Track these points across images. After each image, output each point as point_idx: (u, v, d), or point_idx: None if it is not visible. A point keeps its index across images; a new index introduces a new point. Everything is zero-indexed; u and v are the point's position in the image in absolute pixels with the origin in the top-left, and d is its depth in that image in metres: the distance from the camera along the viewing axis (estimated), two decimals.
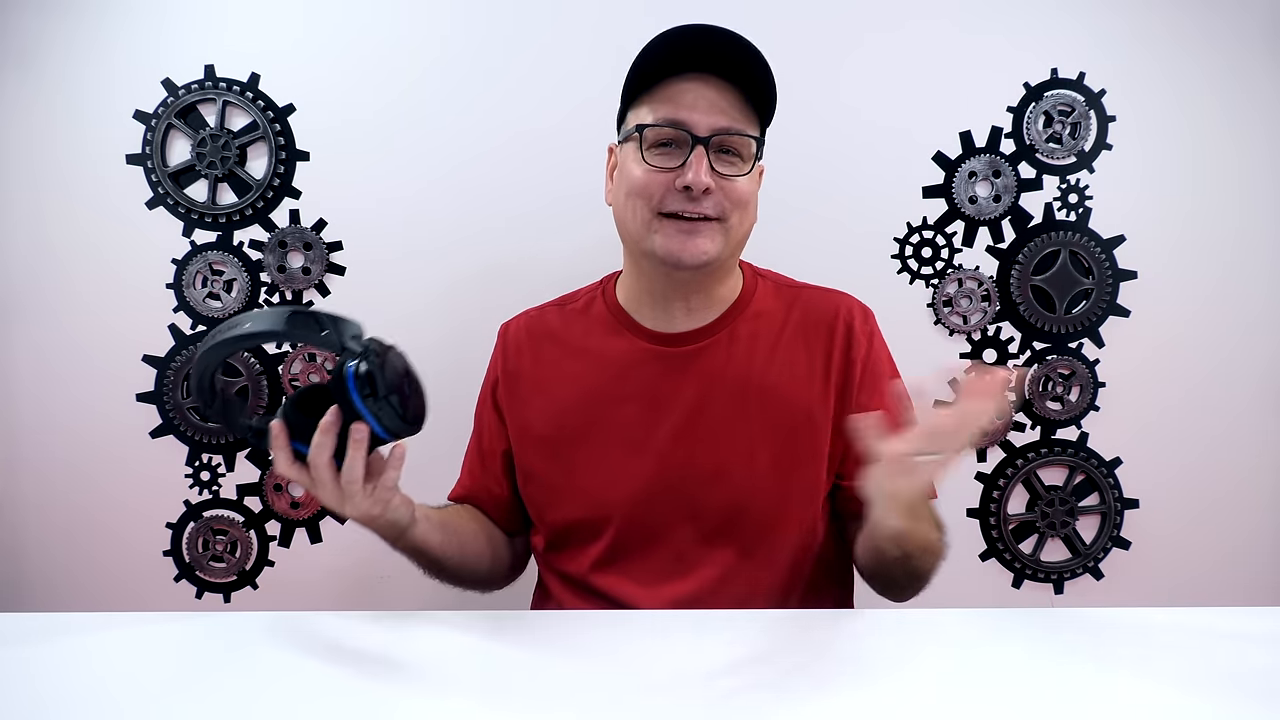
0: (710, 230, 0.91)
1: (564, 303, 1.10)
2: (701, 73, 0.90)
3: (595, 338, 1.03)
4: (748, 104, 0.92)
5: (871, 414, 0.78)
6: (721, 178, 0.90)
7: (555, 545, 1.03)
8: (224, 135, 1.45)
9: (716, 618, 0.86)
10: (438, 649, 0.78)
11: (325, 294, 1.49)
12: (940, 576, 1.49)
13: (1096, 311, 1.48)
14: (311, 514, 1.51)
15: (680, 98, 0.90)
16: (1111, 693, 0.67)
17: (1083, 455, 1.50)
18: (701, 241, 0.91)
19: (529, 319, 1.09)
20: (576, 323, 1.06)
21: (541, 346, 1.05)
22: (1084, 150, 1.46)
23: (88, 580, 1.51)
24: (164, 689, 0.69)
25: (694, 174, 0.88)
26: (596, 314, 1.05)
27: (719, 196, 0.90)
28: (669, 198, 0.90)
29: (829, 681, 0.70)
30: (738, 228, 0.94)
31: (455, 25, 1.45)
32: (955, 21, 1.44)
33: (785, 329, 1.01)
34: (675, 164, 0.90)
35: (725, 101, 0.90)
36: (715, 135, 0.89)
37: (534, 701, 0.67)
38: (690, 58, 0.90)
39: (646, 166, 0.91)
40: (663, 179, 0.90)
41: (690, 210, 0.90)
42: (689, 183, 0.88)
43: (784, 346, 1.00)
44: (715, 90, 0.90)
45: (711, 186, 0.89)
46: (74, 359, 1.48)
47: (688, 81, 0.90)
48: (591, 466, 0.99)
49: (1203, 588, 1.50)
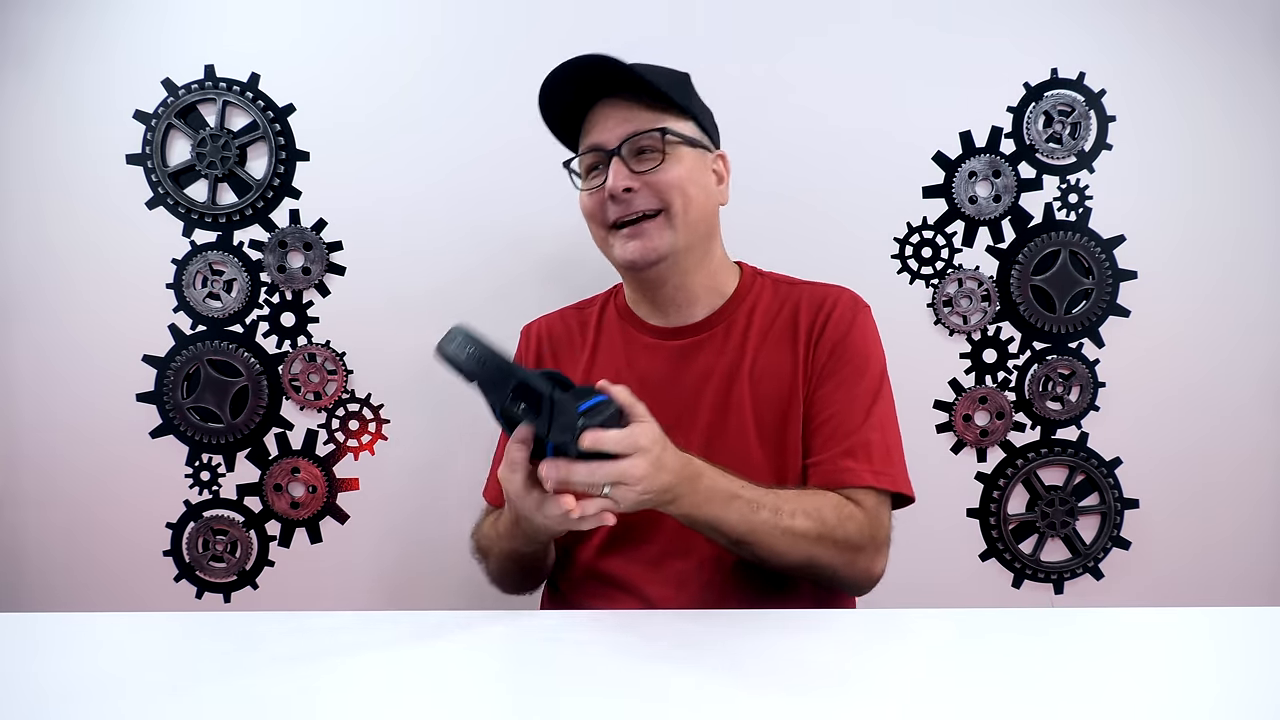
0: (654, 226, 0.99)
1: (581, 307, 1.18)
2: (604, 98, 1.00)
3: (606, 337, 1.11)
4: (655, 105, 0.99)
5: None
6: (642, 175, 0.98)
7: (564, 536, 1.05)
8: (224, 135, 1.45)
9: (716, 617, 0.86)
10: (438, 649, 0.78)
11: (325, 294, 1.49)
12: (940, 576, 1.50)
13: (1096, 311, 1.48)
14: (311, 514, 1.51)
15: (591, 126, 1.01)
16: (1111, 693, 0.67)
17: (1083, 455, 1.50)
18: (649, 240, 0.99)
19: (549, 321, 1.17)
20: (591, 324, 1.13)
21: (560, 346, 1.13)
22: (1084, 150, 1.46)
23: (88, 580, 1.51)
24: (164, 689, 0.69)
25: (611, 179, 0.98)
26: (609, 315, 1.13)
27: (646, 192, 0.98)
28: (607, 211, 1.00)
29: (828, 681, 0.70)
30: (683, 213, 0.99)
31: (455, 26, 1.45)
32: (956, 22, 1.44)
33: (777, 321, 1.05)
34: (601, 180, 1.00)
35: (630, 111, 0.99)
36: (623, 143, 0.98)
37: (534, 701, 0.67)
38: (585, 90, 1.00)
39: (582, 193, 1.03)
40: (597, 197, 1.00)
41: (624, 214, 0.99)
42: (608, 189, 0.98)
43: (774, 337, 1.04)
44: (619, 107, 0.99)
45: (633, 185, 0.98)
46: (74, 359, 1.48)
47: (597, 112, 1.01)
48: None
49: (1203, 588, 1.50)
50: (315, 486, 1.50)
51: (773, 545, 0.89)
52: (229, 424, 1.49)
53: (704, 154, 1.03)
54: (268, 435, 1.50)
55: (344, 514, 1.51)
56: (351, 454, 1.51)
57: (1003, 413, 1.49)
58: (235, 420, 1.49)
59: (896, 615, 0.85)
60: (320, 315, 1.49)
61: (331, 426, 1.50)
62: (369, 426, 1.50)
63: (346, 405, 1.50)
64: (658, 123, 0.99)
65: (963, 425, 1.49)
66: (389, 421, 1.50)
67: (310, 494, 1.50)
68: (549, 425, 0.75)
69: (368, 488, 1.51)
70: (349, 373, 1.49)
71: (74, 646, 0.78)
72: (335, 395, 1.49)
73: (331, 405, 1.50)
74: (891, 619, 0.85)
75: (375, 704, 0.67)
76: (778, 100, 1.45)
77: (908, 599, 1.50)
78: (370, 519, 1.51)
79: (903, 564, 1.03)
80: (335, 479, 1.51)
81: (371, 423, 1.50)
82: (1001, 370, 1.49)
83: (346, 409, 1.50)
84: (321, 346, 1.49)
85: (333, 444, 1.50)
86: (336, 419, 1.50)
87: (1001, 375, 1.49)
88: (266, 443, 1.50)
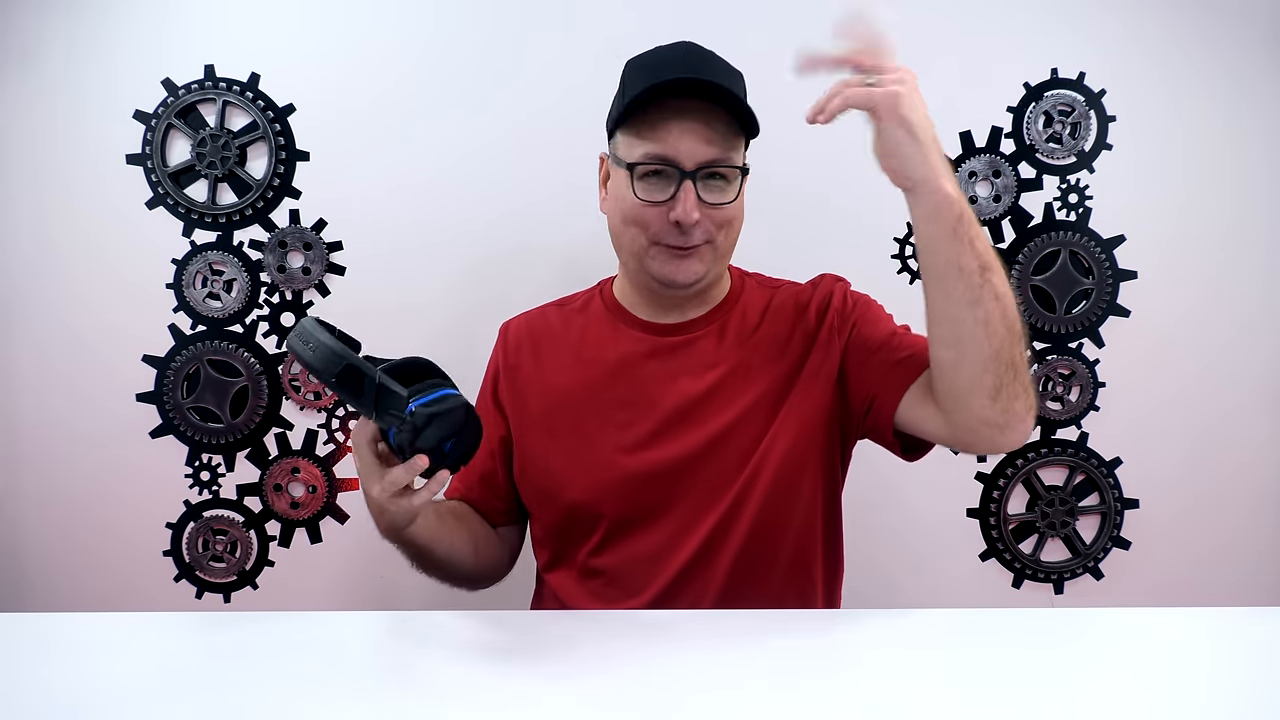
0: (700, 252, 0.96)
1: (563, 303, 1.14)
2: (687, 98, 0.92)
3: (593, 331, 1.07)
4: (732, 123, 0.94)
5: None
6: (709, 207, 0.94)
7: (557, 534, 1.05)
8: (224, 135, 1.45)
9: (715, 617, 0.86)
10: (438, 649, 0.78)
11: (325, 294, 1.49)
12: (940, 576, 1.50)
13: (1096, 311, 1.48)
14: (311, 514, 1.51)
15: (666, 131, 0.92)
16: (1111, 693, 0.67)
17: (1083, 455, 1.50)
18: (693, 264, 0.96)
19: (529, 318, 1.13)
20: (575, 320, 1.10)
21: (541, 342, 1.09)
22: (1084, 150, 1.46)
23: (88, 580, 1.51)
24: (164, 689, 0.69)
25: (683, 209, 0.92)
26: (594, 311, 1.09)
27: (706, 224, 0.94)
28: (661, 230, 0.95)
29: (828, 681, 0.70)
30: (724, 243, 0.99)
31: (454, 24, 1.45)
32: (955, 21, 1.44)
33: (767, 314, 1.05)
34: (664, 196, 0.94)
35: (710, 130, 0.93)
36: (702, 169, 0.93)
37: (534, 701, 0.67)
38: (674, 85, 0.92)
39: (637, 200, 0.94)
40: (654, 212, 0.94)
41: (683, 244, 0.95)
42: (678, 218, 0.92)
43: (765, 327, 1.04)
44: (700, 119, 0.92)
45: (700, 219, 0.93)
46: (74, 358, 1.48)
47: (673, 113, 0.92)
48: (589, 449, 1.01)
49: (1203, 588, 1.50)
50: (315, 486, 1.50)
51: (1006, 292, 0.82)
52: (229, 424, 1.49)
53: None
54: (268, 435, 1.50)
55: (344, 514, 1.51)
56: (351, 454, 1.50)
57: None
58: (235, 420, 1.49)
59: (896, 615, 0.85)
60: (320, 315, 1.49)
61: (331, 426, 1.50)
62: None
63: (346, 405, 1.50)
64: (733, 150, 0.95)
65: None
66: None
67: (310, 494, 1.51)
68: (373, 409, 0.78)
69: None
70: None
71: (74, 646, 0.78)
72: (335, 395, 1.49)
73: (331, 405, 1.50)
74: (891, 619, 0.85)
75: (375, 704, 0.67)
76: (777, 100, 1.45)
77: (908, 599, 1.51)
78: (370, 519, 1.51)
79: (903, 564, 1.03)
80: (335, 479, 1.51)
81: None
82: None
83: (346, 409, 1.50)
84: None
85: (333, 444, 1.50)
86: (336, 419, 1.50)
87: None
88: (266, 443, 1.50)
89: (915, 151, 0.80)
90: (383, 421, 0.78)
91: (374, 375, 0.77)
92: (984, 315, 0.81)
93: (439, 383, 0.81)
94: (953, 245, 0.81)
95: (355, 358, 0.78)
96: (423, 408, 0.77)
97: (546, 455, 1.04)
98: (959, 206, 0.81)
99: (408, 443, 0.77)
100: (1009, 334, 0.82)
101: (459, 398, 0.80)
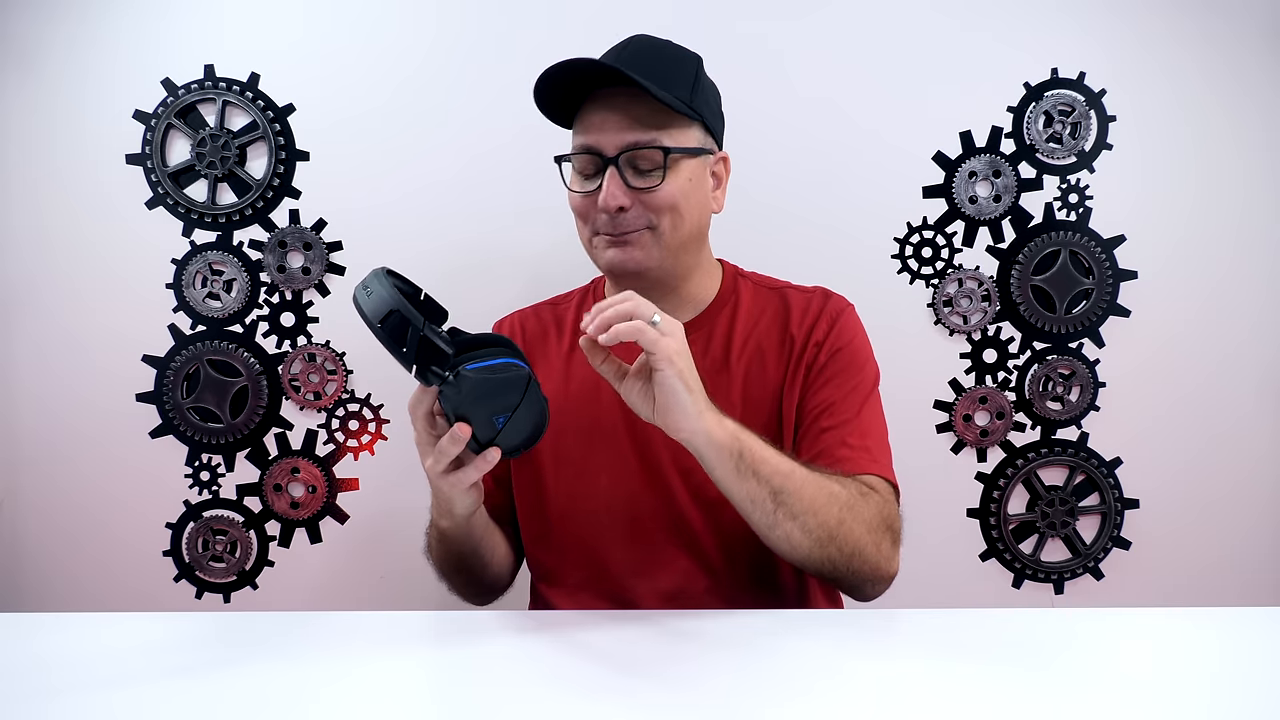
0: (640, 240, 0.95)
1: (556, 302, 1.14)
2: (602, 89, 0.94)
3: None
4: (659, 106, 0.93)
5: None
6: (638, 191, 0.94)
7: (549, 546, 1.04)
8: (224, 135, 1.45)
9: (710, 618, 0.86)
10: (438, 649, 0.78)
11: (325, 294, 1.49)
12: (940, 576, 1.50)
13: (1096, 311, 1.48)
14: (311, 514, 1.51)
15: (589, 121, 0.95)
16: (1111, 693, 0.67)
17: (1083, 455, 1.50)
18: (633, 251, 0.96)
19: (522, 316, 1.13)
20: (568, 319, 1.10)
21: (534, 342, 1.09)
22: (1084, 150, 1.46)
23: (88, 580, 1.51)
24: (163, 689, 0.69)
25: (604, 195, 0.93)
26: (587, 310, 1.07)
27: (639, 209, 0.94)
28: (597, 219, 0.96)
29: (827, 681, 0.70)
30: (671, 232, 0.96)
31: (454, 24, 1.45)
32: (955, 21, 1.44)
33: (761, 321, 1.04)
34: (593, 186, 0.95)
35: (628, 114, 0.93)
36: (623, 153, 0.93)
37: (534, 701, 0.67)
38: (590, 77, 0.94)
39: (572, 192, 0.98)
40: (588, 202, 0.96)
41: (613, 230, 0.95)
42: (600, 204, 0.93)
43: (758, 336, 1.02)
44: (619, 105, 0.93)
45: (626, 204, 0.93)
46: (74, 358, 1.48)
47: (598, 102, 0.95)
48: (578, 460, 1.01)
49: (1203, 588, 1.50)
50: (315, 486, 1.50)
51: (811, 497, 0.83)
52: (229, 424, 1.49)
53: (705, 160, 0.98)
54: (267, 435, 1.50)
55: (344, 514, 1.51)
56: (351, 454, 1.51)
57: (1003, 413, 1.49)
58: (235, 420, 1.49)
59: (896, 615, 0.85)
60: (320, 315, 1.49)
61: (331, 426, 1.50)
62: (369, 426, 1.50)
63: (346, 405, 1.50)
64: (661, 132, 0.93)
65: (963, 425, 1.49)
66: (389, 421, 1.50)
67: (310, 494, 1.50)
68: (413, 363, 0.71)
69: (368, 488, 1.51)
70: (349, 373, 1.49)
71: (73, 646, 0.78)
72: (335, 395, 1.49)
73: (331, 405, 1.50)
74: (891, 619, 0.85)
75: (375, 704, 0.67)
76: (777, 100, 1.45)
77: (908, 599, 1.50)
78: (370, 519, 1.51)
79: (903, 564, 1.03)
80: (335, 479, 1.51)
81: (371, 423, 1.50)
82: (1001, 370, 1.49)
83: (346, 409, 1.50)
84: (321, 346, 1.49)
85: (333, 444, 1.50)
86: (336, 419, 1.50)
87: (1001, 375, 1.49)
88: (266, 443, 1.50)
89: (690, 402, 0.79)
90: (424, 379, 0.73)
91: (420, 325, 0.71)
92: (784, 534, 0.84)
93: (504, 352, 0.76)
94: (739, 483, 0.82)
95: (406, 306, 0.72)
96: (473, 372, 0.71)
97: (537, 467, 1.03)
98: (736, 446, 0.82)
99: (451, 407, 0.73)
100: (816, 541, 0.85)
101: (521, 369, 0.74)
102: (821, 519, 0.84)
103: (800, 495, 0.83)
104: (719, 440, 0.81)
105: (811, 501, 0.84)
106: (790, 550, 0.86)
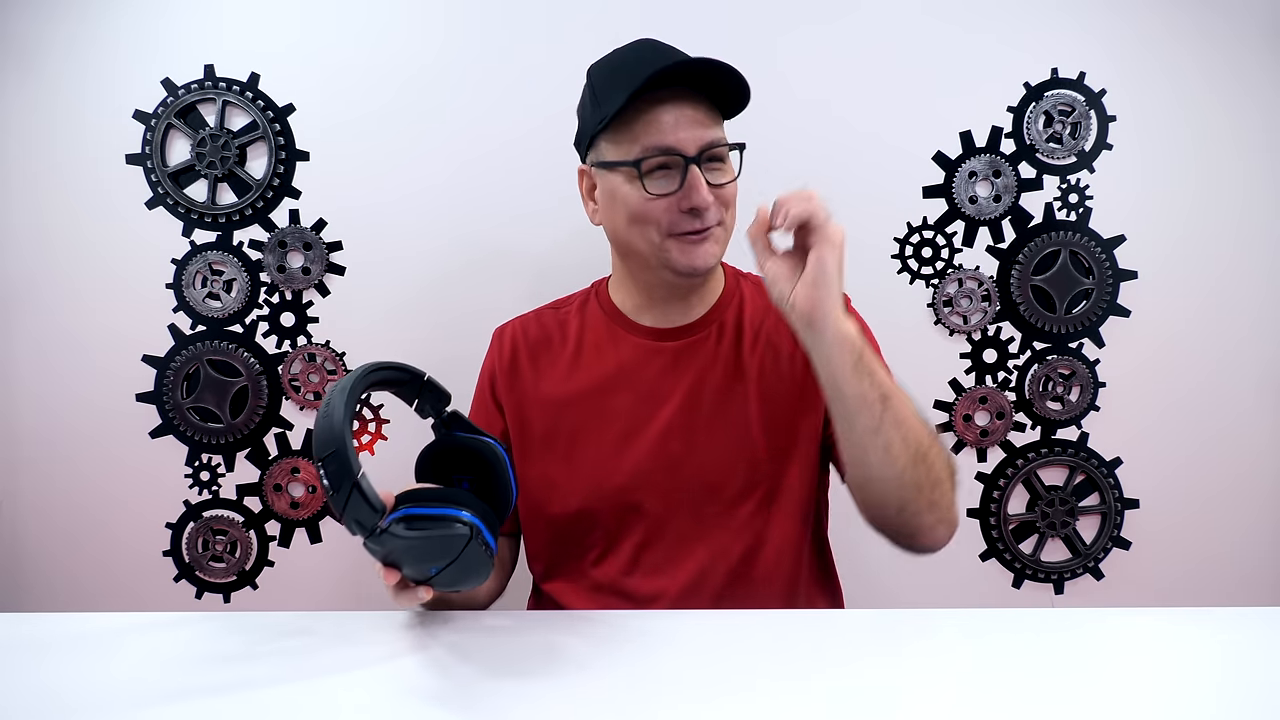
0: (715, 235, 0.97)
1: (558, 306, 1.13)
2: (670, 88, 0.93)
3: (591, 336, 1.06)
4: (715, 107, 0.96)
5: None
6: (715, 188, 0.95)
7: (555, 546, 1.04)
8: (224, 135, 1.45)
9: (712, 618, 0.86)
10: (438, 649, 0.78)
11: (325, 294, 1.49)
12: (940, 576, 1.50)
13: (1096, 311, 1.48)
14: (311, 514, 1.51)
15: (659, 122, 0.93)
16: (1111, 692, 0.67)
17: (1083, 455, 1.50)
18: (709, 247, 0.96)
19: (524, 321, 1.12)
20: (572, 323, 1.09)
21: (537, 347, 1.08)
22: (1084, 150, 1.46)
23: (88, 580, 1.51)
24: (163, 689, 0.69)
25: (699, 196, 0.92)
26: (591, 315, 1.08)
27: (716, 206, 0.95)
28: (675, 221, 0.94)
29: (827, 681, 0.70)
30: (731, 222, 0.99)
31: (454, 25, 1.45)
32: (955, 21, 1.44)
33: (768, 318, 1.04)
34: (673, 187, 0.94)
35: (700, 112, 0.94)
36: (703, 151, 0.93)
37: (534, 701, 0.67)
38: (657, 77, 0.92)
39: (647, 195, 0.94)
40: (666, 204, 0.94)
41: (698, 228, 0.95)
42: (695, 204, 0.93)
43: (767, 332, 1.04)
44: (688, 104, 0.93)
45: (711, 201, 0.94)
46: (74, 358, 1.48)
47: (660, 104, 0.93)
48: (590, 458, 1.01)
49: (1203, 588, 1.50)
50: (315, 486, 1.50)
51: (910, 414, 0.86)
52: (229, 424, 1.49)
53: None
54: (267, 435, 1.50)
55: None
56: None
57: (1003, 413, 1.49)
58: (235, 420, 1.49)
59: (896, 615, 0.85)
60: (320, 315, 1.49)
61: None
62: (369, 426, 1.50)
63: None
64: (723, 130, 0.97)
65: (963, 425, 1.49)
66: (389, 421, 1.50)
67: (310, 494, 1.50)
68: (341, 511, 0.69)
69: None
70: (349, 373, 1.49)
71: (73, 646, 0.78)
72: None
73: None
74: (891, 619, 0.85)
75: (375, 704, 0.67)
76: (777, 100, 1.45)
77: (908, 599, 1.51)
78: None
79: (903, 564, 1.03)
80: None
81: (371, 423, 1.50)
82: (1001, 370, 1.49)
83: None
84: (321, 346, 1.49)
85: None
86: None
87: (1001, 375, 1.49)
88: (266, 443, 1.50)
89: (837, 285, 0.83)
90: (350, 528, 0.70)
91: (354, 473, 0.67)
92: (885, 442, 0.85)
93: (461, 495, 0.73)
94: (855, 380, 0.84)
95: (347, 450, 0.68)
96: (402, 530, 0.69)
97: (546, 466, 1.02)
98: (858, 343, 0.85)
99: (379, 557, 0.72)
100: (912, 457, 0.86)
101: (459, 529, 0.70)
102: (918, 435, 0.86)
103: (902, 408, 0.86)
104: (846, 331, 0.84)
105: (911, 417, 0.86)
106: (886, 463, 0.85)
